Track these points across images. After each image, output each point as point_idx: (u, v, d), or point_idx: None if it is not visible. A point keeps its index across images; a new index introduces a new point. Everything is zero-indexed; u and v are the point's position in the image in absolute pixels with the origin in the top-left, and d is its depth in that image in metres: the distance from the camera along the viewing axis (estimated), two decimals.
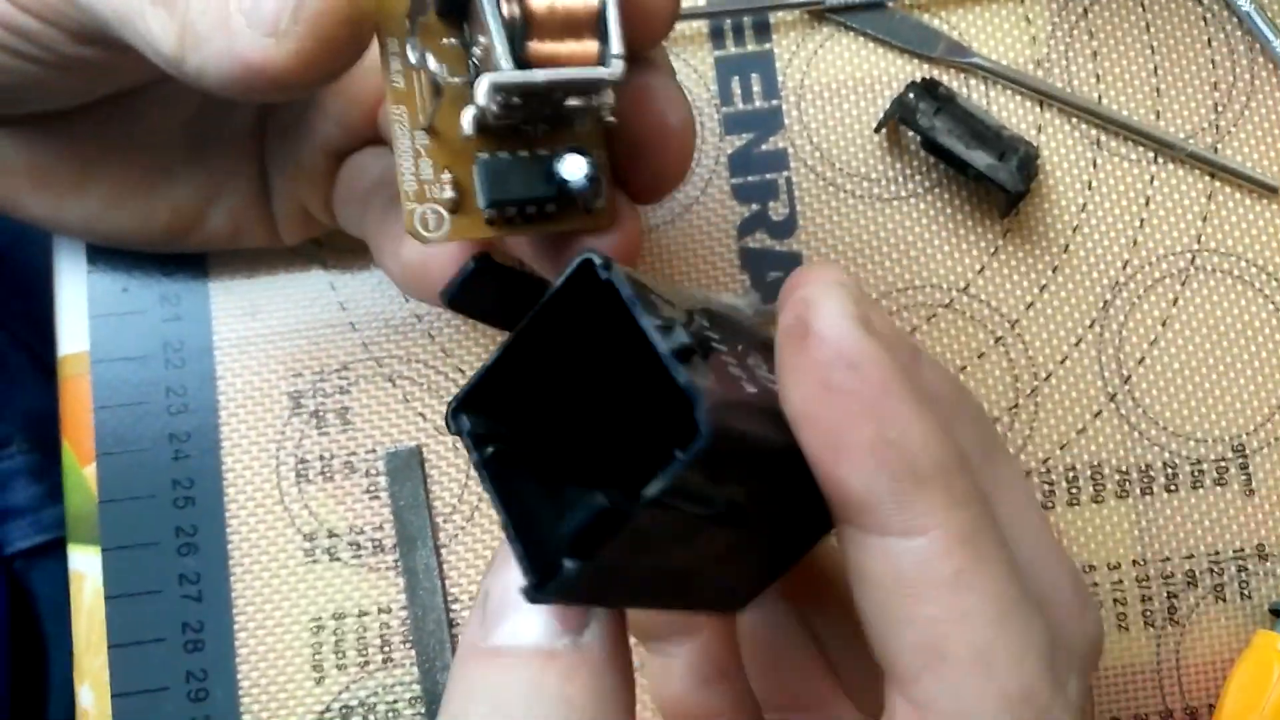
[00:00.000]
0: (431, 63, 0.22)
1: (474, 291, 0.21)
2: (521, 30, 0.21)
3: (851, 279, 0.19)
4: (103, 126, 0.29)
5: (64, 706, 0.43)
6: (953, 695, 0.17)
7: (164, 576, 0.32)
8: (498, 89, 0.21)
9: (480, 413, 0.19)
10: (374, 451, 0.32)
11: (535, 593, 0.17)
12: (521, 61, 0.21)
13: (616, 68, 0.21)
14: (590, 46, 0.21)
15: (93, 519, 0.32)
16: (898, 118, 0.32)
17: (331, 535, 0.32)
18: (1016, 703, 0.17)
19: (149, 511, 0.32)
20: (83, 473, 0.33)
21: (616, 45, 0.21)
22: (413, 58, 0.22)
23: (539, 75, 0.21)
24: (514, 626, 0.19)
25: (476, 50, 0.22)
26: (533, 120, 0.22)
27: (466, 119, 0.21)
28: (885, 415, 0.17)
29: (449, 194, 0.22)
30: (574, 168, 0.22)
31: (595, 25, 0.21)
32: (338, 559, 0.32)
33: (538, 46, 0.21)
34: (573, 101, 0.22)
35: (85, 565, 0.32)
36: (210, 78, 0.21)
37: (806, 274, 0.19)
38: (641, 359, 0.18)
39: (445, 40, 0.22)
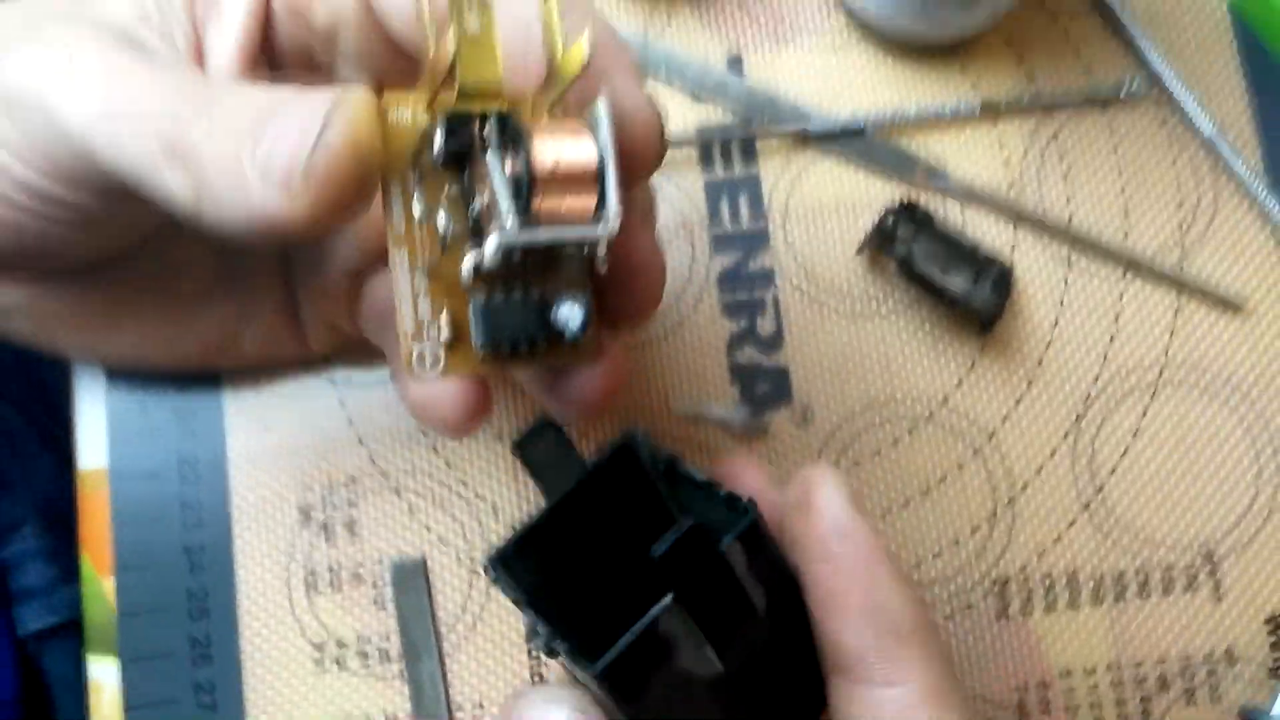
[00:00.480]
0: (441, 220, 0.23)
1: (535, 447, 0.23)
2: (526, 188, 0.22)
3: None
4: (132, 268, 0.30)
5: None
6: None
7: (180, 686, 0.33)
8: (504, 248, 0.22)
9: (518, 560, 0.23)
10: (380, 562, 0.34)
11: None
12: (526, 218, 0.22)
13: (614, 225, 0.22)
14: (588, 201, 0.22)
15: (111, 630, 0.34)
16: (876, 244, 0.33)
17: (340, 645, 0.33)
18: None
19: (165, 622, 0.33)
20: (102, 584, 0.34)
21: (614, 203, 0.22)
22: (417, 211, 0.23)
23: (543, 235, 0.22)
24: None
25: (478, 202, 0.23)
26: (526, 263, 0.24)
27: (466, 268, 0.23)
28: (874, 581, 0.21)
29: (445, 334, 0.23)
30: (571, 315, 0.23)
31: (594, 180, 0.22)
32: (346, 668, 0.33)
33: (540, 203, 0.22)
34: (568, 249, 0.23)
35: (104, 675, 0.33)
36: (227, 228, 0.22)
37: (807, 473, 0.24)
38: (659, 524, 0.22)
39: (446, 187, 0.23)
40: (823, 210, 0.35)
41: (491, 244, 0.22)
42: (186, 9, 0.25)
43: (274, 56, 0.27)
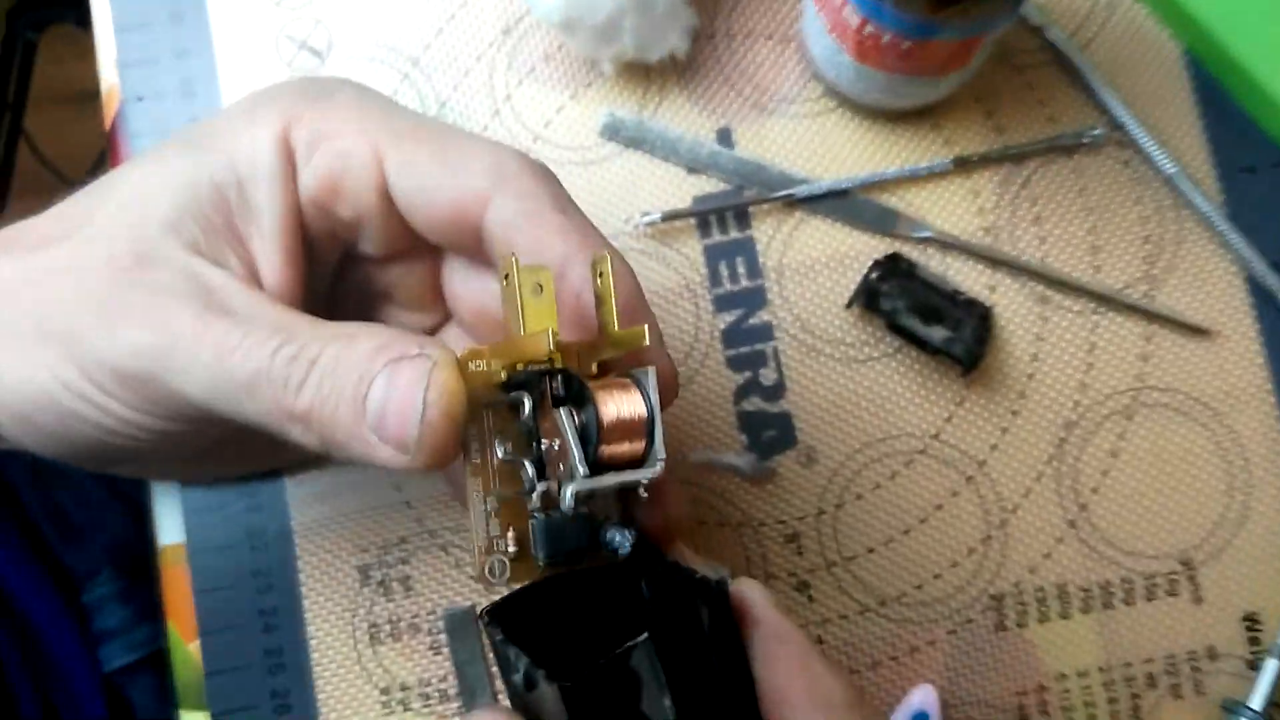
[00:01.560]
0: (528, 472, 0.26)
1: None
2: (595, 438, 0.25)
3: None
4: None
5: None
6: None
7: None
8: (578, 495, 0.25)
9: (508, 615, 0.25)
10: (434, 612, 0.38)
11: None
12: (592, 466, 0.25)
13: (659, 468, 0.26)
14: (639, 446, 0.26)
15: (199, 688, 0.38)
16: (863, 301, 0.36)
17: (404, 689, 0.37)
18: None
19: (247, 679, 0.37)
20: (188, 649, 0.38)
21: (660, 449, 0.26)
22: (500, 452, 0.26)
23: (608, 480, 0.25)
24: None
25: (545, 444, 0.26)
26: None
27: (535, 499, 0.26)
28: (812, 673, 0.25)
29: (512, 549, 0.26)
30: (621, 541, 0.26)
31: (644, 429, 0.26)
32: (410, 709, 0.37)
33: (604, 450, 0.25)
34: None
35: None
36: (351, 462, 0.26)
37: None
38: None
39: (511, 425, 0.26)
40: (814, 266, 0.38)
41: (568, 492, 0.25)
42: (226, 226, 0.28)
43: (307, 247, 0.30)
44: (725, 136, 0.39)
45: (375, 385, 0.24)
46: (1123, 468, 0.37)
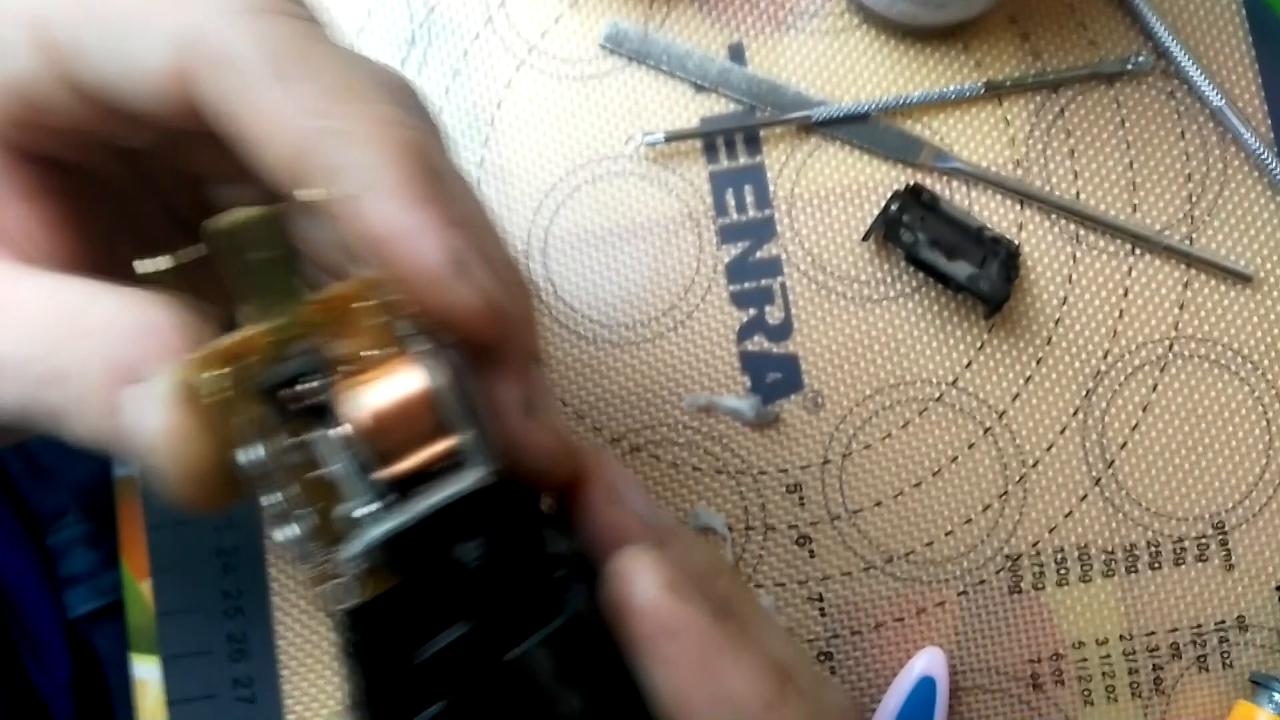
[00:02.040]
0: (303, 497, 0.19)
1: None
2: (360, 455, 0.18)
3: (618, 477, 0.21)
4: None
5: None
6: None
7: (219, 682, 0.34)
8: (370, 547, 0.18)
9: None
10: None
11: None
12: (379, 497, 0.18)
13: (481, 471, 0.18)
14: (440, 442, 0.18)
15: (150, 630, 0.35)
16: (882, 231, 0.33)
17: None
18: None
19: (202, 621, 0.35)
20: (138, 587, 0.35)
21: (473, 439, 0.18)
22: (293, 543, 0.19)
23: (408, 515, 0.18)
24: None
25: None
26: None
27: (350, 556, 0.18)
28: (712, 673, 0.19)
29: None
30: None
31: (434, 416, 0.18)
32: None
33: (383, 471, 0.18)
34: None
35: (147, 673, 0.35)
36: None
37: (599, 507, 0.21)
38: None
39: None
40: (829, 197, 0.35)
41: (354, 550, 0.18)
42: None
43: (67, 173, 0.25)
44: (737, 53, 0.36)
45: (121, 414, 0.20)
46: (1154, 422, 0.34)
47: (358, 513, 0.18)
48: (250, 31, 0.20)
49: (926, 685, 0.33)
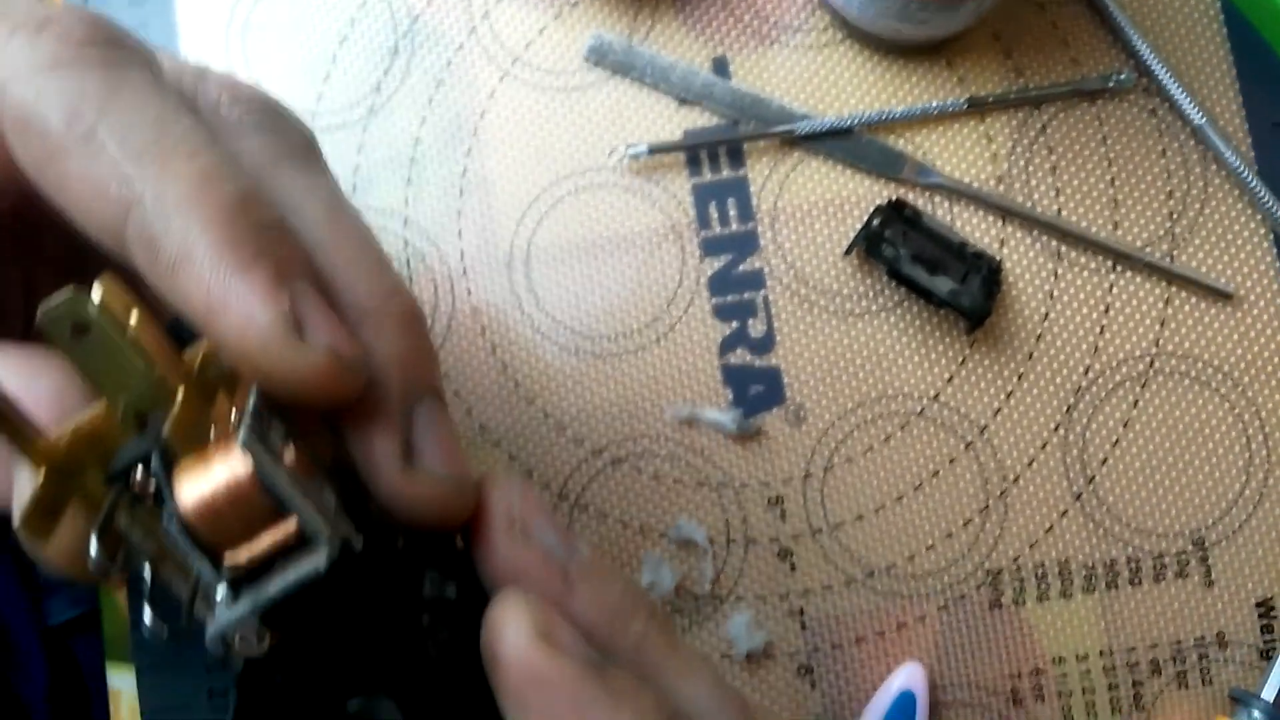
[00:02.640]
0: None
1: None
2: (206, 542, 0.18)
3: (526, 502, 0.20)
4: None
5: None
6: None
7: (193, 693, 0.34)
8: (223, 634, 0.18)
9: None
10: None
11: None
12: (228, 576, 0.18)
13: (322, 553, 0.18)
14: (282, 526, 0.18)
15: (125, 639, 0.35)
16: (864, 246, 0.33)
17: None
18: None
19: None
20: (115, 597, 0.35)
21: (311, 519, 0.18)
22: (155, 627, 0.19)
23: (257, 600, 0.17)
24: None
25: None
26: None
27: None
28: None
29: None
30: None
31: (262, 497, 0.18)
32: None
33: (231, 557, 0.18)
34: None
35: (121, 684, 0.35)
36: None
37: (492, 534, 0.20)
38: None
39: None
40: (812, 210, 0.35)
41: (211, 635, 0.18)
42: None
43: None
44: (721, 66, 0.36)
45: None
46: (1134, 439, 0.34)
47: (214, 594, 0.18)
48: (51, 91, 0.19)
49: (906, 700, 0.33)
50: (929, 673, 0.34)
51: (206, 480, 0.18)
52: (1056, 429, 0.35)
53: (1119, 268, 0.35)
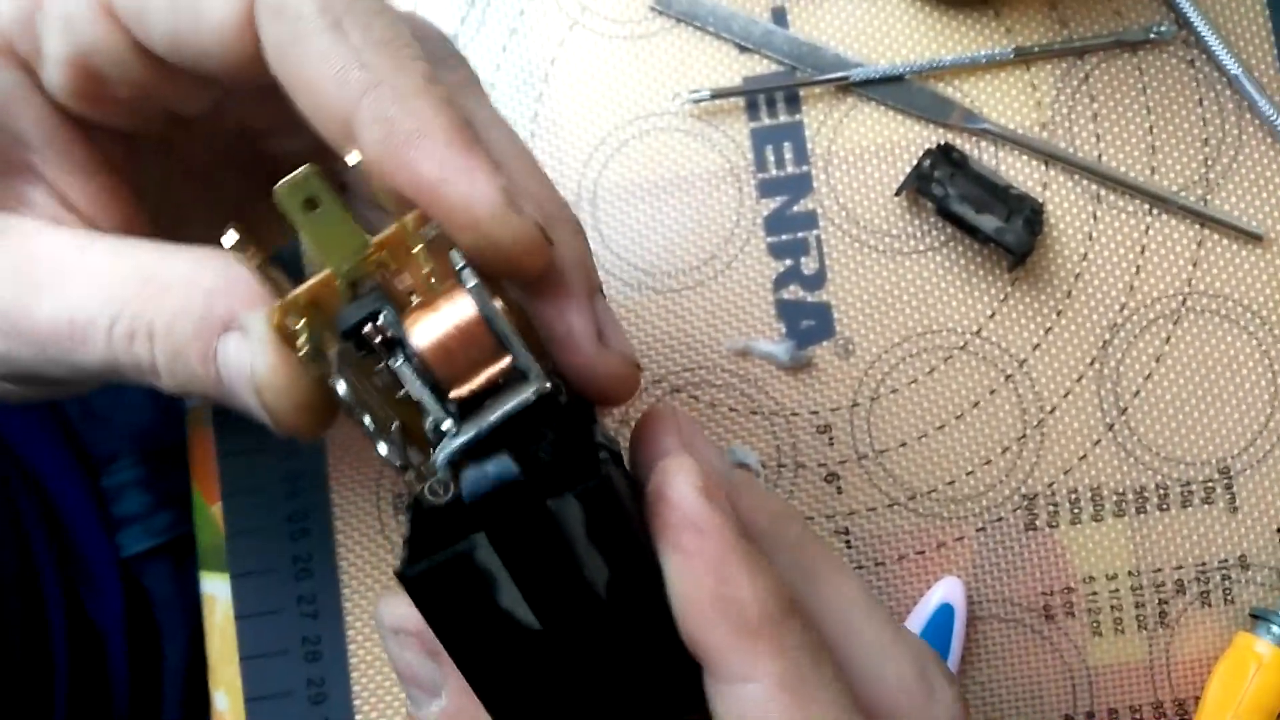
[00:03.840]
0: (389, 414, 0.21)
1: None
2: (430, 381, 0.20)
3: (695, 434, 0.23)
4: None
5: (177, 689, 0.48)
6: None
7: (284, 598, 0.37)
8: (451, 463, 0.20)
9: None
10: None
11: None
12: (456, 414, 0.21)
13: (539, 383, 0.20)
14: (498, 361, 0.21)
15: (221, 550, 0.37)
16: (915, 186, 0.35)
17: None
18: None
19: (270, 542, 0.37)
20: (210, 511, 0.38)
21: (524, 356, 0.20)
22: (392, 455, 0.21)
23: (480, 427, 0.20)
24: None
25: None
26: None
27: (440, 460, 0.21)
28: (723, 575, 0.20)
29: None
30: (496, 470, 0.21)
31: (489, 337, 0.20)
32: None
33: (455, 391, 0.21)
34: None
35: (216, 589, 0.37)
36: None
37: (660, 428, 0.23)
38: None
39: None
40: (863, 154, 0.37)
41: (440, 463, 0.20)
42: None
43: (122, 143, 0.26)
44: (780, 15, 0.38)
45: (218, 359, 0.23)
46: (1166, 373, 0.37)
47: (442, 425, 0.21)
48: None
49: (945, 612, 0.35)
50: (966, 589, 0.36)
51: (438, 323, 0.21)
52: (1092, 363, 0.37)
53: (1155, 211, 0.37)
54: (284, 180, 0.21)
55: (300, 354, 0.21)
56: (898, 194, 0.37)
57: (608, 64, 0.38)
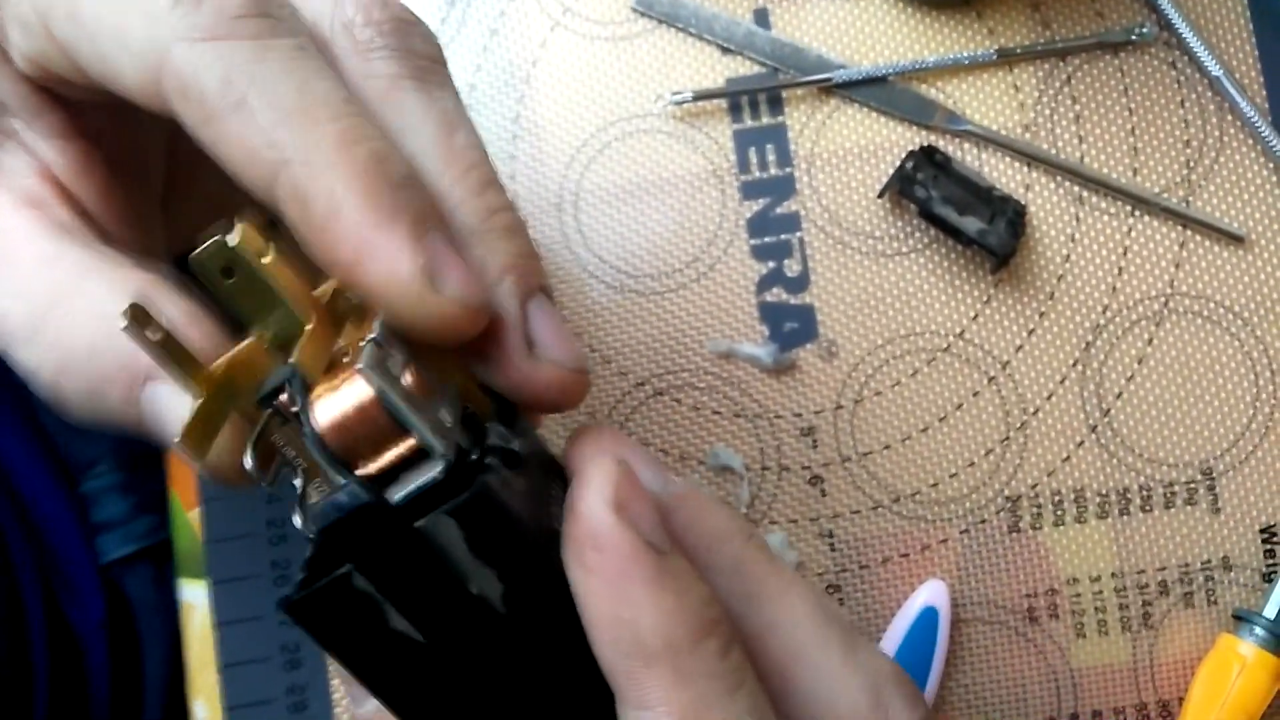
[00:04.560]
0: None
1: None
2: (338, 459, 0.20)
3: (626, 450, 0.22)
4: None
5: (158, 695, 0.48)
6: None
7: (264, 605, 0.37)
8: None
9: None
10: None
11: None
12: (366, 488, 0.20)
13: (438, 466, 0.20)
14: (402, 441, 0.20)
15: (198, 556, 0.37)
16: (897, 188, 0.35)
17: None
18: None
19: (249, 548, 0.37)
20: (187, 516, 0.37)
21: (426, 436, 0.19)
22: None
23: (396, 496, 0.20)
24: None
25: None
26: None
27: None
28: (622, 595, 0.20)
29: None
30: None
31: (386, 417, 0.20)
32: None
33: (362, 470, 0.20)
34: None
35: (194, 597, 0.37)
36: None
37: (585, 445, 0.22)
38: None
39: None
40: (846, 156, 0.37)
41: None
42: None
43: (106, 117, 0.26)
44: (762, 17, 0.38)
45: (143, 401, 0.23)
46: (1148, 374, 0.37)
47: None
48: (206, 61, 0.21)
49: (929, 615, 0.35)
50: (950, 591, 0.36)
51: (337, 402, 0.20)
52: (1075, 365, 0.37)
53: (1137, 212, 0.37)
54: (197, 251, 0.20)
55: (218, 426, 0.21)
56: (880, 196, 0.36)
57: (590, 65, 0.38)
